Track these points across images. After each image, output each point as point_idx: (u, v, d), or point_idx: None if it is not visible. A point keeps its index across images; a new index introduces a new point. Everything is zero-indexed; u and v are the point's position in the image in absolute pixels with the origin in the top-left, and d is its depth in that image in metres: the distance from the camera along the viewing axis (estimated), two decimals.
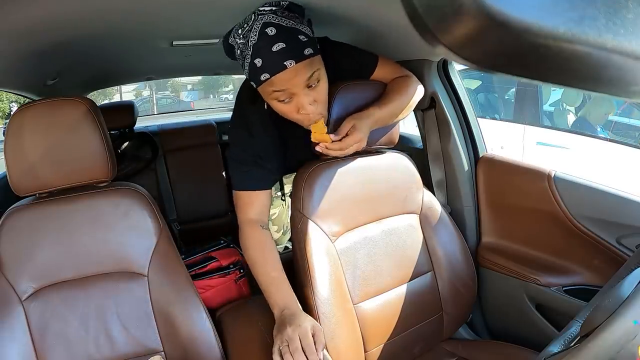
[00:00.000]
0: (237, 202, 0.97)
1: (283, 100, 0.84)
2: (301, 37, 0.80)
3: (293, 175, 1.03)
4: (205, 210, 2.07)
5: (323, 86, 0.86)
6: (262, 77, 0.80)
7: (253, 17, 0.80)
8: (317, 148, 0.89)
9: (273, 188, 1.31)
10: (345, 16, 0.99)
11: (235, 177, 0.98)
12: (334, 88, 0.92)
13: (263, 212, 0.98)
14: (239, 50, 0.83)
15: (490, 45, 0.17)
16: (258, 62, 0.79)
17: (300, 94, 0.82)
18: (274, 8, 0.80)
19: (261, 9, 0.80)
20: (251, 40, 0.79)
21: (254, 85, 0.86)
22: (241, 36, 0.81)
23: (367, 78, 1.03)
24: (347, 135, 0.88)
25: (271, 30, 0.78)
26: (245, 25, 0.80)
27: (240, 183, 0.97)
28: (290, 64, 0.78)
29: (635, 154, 2.53)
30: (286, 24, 0.79)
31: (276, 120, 0.95)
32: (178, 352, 0.89)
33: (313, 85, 0.84)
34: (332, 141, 0.87)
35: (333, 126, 0.92)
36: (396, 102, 0.98)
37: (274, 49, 0.77)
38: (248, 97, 0.97)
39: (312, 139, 0.88)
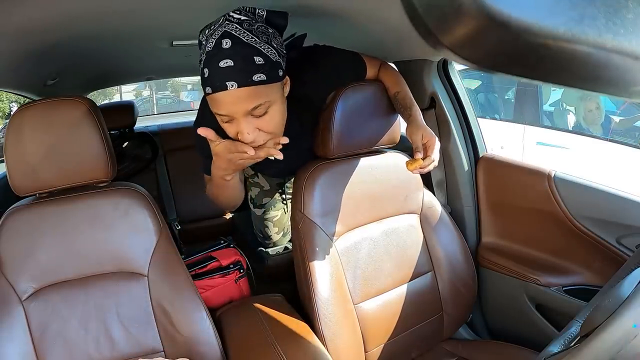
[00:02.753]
0: (206, 182, 0.99)
1: (223, 118, 0.76)
2: (257, 58, 0.72)
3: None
4: (205, 210, 2.06)
5: (269, 119, 0.77)
6: (207, 90, 0.74)
7: (220, 20, 0.74)
8: (416, 172, 0.89)
9: (278, 194, 1.32)
10: (345, 16, 0.98)
11: (207, 165, 0.92)
12: (336, 91, 0.92)
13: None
14: (200, 51, 0.77)
15: (490, 45, 0.17)
16: (206, 71, 0.73)
17: (240, 120, 0.74)
18: (242, 18, 0.73)
19: (231, 14, 0.73)
20: (207, 47, 0.73)
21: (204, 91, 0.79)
22: (205, 37, 0.75)
23: (362, 80, 1.02)
24: (425, 146, 0.88)
25: (226, 43, 0.71)
26: (212, 26, 0.75)
27: (206, 166, 0.92)
28: (232, 85, 0.71)
29: (635, 154, 2.53)
30: (246, 40, 0.71)
31: None
32: (178, 352, 0.89)
33: (259, 114, 0.75)
34: (423, 159, 0.87)
35: (337, 130, 0.92)
36: (409, 90, 1.00)
37: (221, 64, 0.70)
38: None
39: (410, 170, 0.88)
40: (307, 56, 0.96)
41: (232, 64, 0.70)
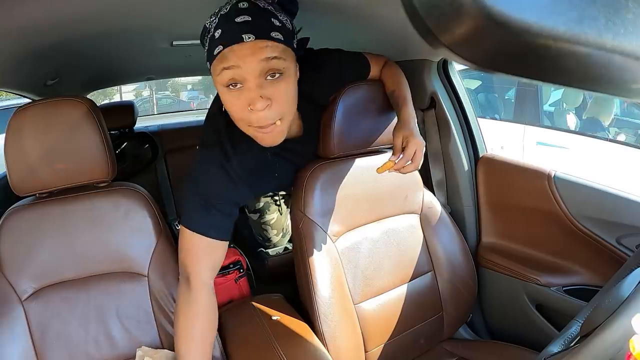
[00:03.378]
0: (189, 247, 0.80)
1: (234, 86, 0.70)
2: (274, 20, 0.70)
3: None
4: None
5: (284, 86, 0.71)
6: (216, 50, 0.69)
7: None
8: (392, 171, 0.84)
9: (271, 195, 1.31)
10: (345, 16, 0.99)
11: (194, 215, 0.80)
12: (337, 91, 0.92)
13: (216, 269, 0.83)
14: (205, 28, 0.74)
15: (491, 45, 0.17)
16: (217, 33, 0.69)
17: (252, 82, 0.68)
18: None
19: None
20: (221, 12, 0.70)
21: (208, 66, 0.74)
22: (215, 13, 0.72)
23: (364, 79, 1.01)
24: (404, 149, 0.83)
25: (243, 4, 0.69)
26: (227, 4, 0.72)
27: (199, 225, 0.79)
28: (249, 37, 0.67)
29: (636, 154, 2.54)
30: (262, 5, 0.70)
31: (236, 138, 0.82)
32: None
33: (273, 77, 0.70)
34: (395, 161, 0.82)
35: (338, 130, 0.92)
36: (408, 90, 0.97)
37: (238, 19, 0.67)
38: (220, 118, 0.84)
39: (379, 172, 0.84)
40: (309, 59, 0.95)
41: (250, 19, 0.67)
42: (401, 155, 0.83)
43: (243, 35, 0.67)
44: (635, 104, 2.70)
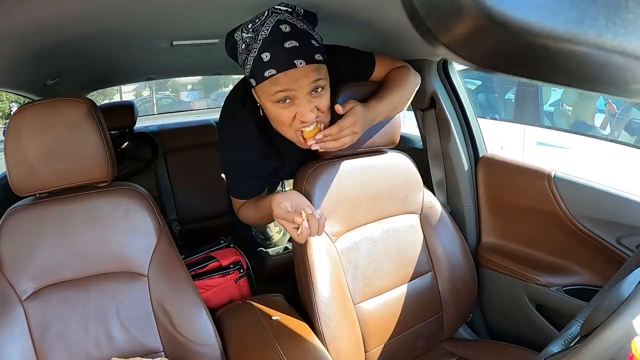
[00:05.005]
0: (235, 202, 1.04)
1: (283, 101, 0.80)
2: (313, 42, 0.80)
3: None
4: (205, 210, 2.06)
5: (326, 96, 0.84)
6: (267, 73, 0.78)
7: (267, 13, 0.78)
8: (314, 147, 0.85)
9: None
10: (345, 16, 0.98)
11: (231, 184, 1.02)
12: (336, 89, 0.92)
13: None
14: (243, 45, 0.80)
15: (491, 45, 0.17)
16: (265, 56, 0.77)
17: (303, 99, 0.80)
18: (289, 9, 0.80)
19: (277, 7, 0.79)
20: (262, 34, 0.77)
21: (253, 83, 0.82)
22: (250, 30, 0.79)
23: (366, 79, 1.01)
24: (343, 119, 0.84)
25: (285, 27, 0.77)
26: (257, 20, 0.79)
27: (236, 191, 1.02)
28: (301, 63, 0.76)
29: (635, 154, 2.54)
30: (300, 26, 0.79)
31: (268, 131, 0.92)
32: (178, 352, 0.89)
33: (317, 92, 0.81)
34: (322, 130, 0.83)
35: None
36: (396, 95, 0.94)
37: (287, 45, 0.76)
38: (239, 103, 0.95)
39: (306, 138, 0.84)
40: None
41: (298, 45, 0.76)
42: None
43: (295, 61, 0.76)
44: (635, 104, 2.70)
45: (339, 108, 0.86)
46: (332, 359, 0.83)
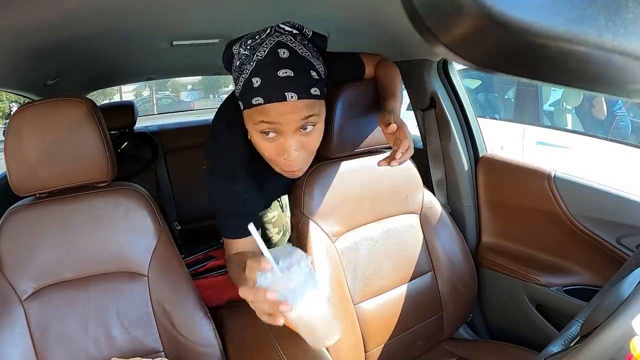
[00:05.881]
0: (227, 245, 0.89)
1: (267, 134, 0.72)
2: (313, 73, 0.71)
3: None
4: (205, 210, 2.05)
5: (316, 136, 0.76)
6: (255, 101, 0.69)
7: (269, 31, 0.71)
8: (389, 163, 0.81)
9: None
10: (345, 16, 0.99)
11: (221, 225, 0.88)
12: (335, 91, 0.92)
13: (252, 246, 0.87)
14: (238, 61, 0.72)
15: (490, 45, 0.17)
16: (256, 81, 0.68)
17: (288, 135, 0.71)
18: (295, 31, 0.72)
19: (282, 26, 0.72)
20: (258, 55, 0.69)
21: (241, 106, 0.75)
22: (248, 47, 0.71)
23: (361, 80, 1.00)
24: (397, 134, 0.80)
25: (283, 53, 0.68)
26: (257, 37, 0.71)
27: (228, 232, 0.87)
28: (292, 97, 0.68)
29: (636, 153, 2.54)
30: (301, 53, 0.70)
31: (255, 156, 0.83)
32: (178, 352, 0.89)
33: (306, 130, 0.73)
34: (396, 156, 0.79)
35: (337, 130, 0.92)
36: (399, 89, 0.95)
37: (280, 73, 0.67)
38: (226, 123, 0.86)
39: (379, 165, 0.81)
40: None
41: (292, 75, 0.68)
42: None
43: (286, 94, 0.68)
44: (635, 104, 2.70)
45: (393, 127, 0.79)
46: (332, 359, 0.83)
